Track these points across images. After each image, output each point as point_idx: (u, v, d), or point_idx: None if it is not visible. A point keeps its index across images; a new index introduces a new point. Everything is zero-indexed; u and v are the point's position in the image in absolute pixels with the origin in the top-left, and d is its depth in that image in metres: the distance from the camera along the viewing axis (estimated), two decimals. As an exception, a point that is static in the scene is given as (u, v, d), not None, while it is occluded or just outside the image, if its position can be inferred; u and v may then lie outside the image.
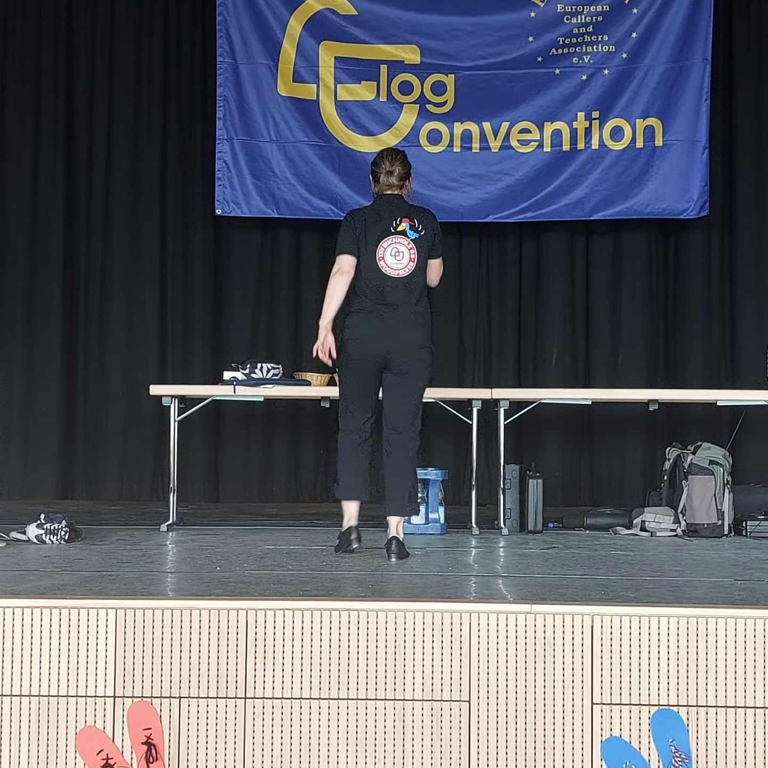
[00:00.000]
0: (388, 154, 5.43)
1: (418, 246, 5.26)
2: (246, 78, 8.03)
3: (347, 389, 5.35)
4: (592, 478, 8.21)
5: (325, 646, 3.58)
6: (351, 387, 5.33)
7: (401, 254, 5.24)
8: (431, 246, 5.32)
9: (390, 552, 5.09)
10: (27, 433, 8.21)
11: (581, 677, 3.56)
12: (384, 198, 5.35)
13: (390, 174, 5.32)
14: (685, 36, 7.85)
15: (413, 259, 5.25)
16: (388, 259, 5.24)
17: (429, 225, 5.33)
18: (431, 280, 5.41)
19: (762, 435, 7.70)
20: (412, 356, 5.23)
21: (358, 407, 5.31)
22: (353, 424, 5.31)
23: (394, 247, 5.24)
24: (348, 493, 5.29)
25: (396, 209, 5.30)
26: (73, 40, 8.32)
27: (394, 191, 5.35)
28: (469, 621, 3.58)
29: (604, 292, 8.29)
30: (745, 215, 8.20)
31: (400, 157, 5.38)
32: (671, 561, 5.26)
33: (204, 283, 8.34)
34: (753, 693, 3.54)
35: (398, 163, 5.35)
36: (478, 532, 6.23)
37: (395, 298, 5.23)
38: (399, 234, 5.26)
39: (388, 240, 5.25)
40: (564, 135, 7.97)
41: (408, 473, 5.27)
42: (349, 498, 5.29)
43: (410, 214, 5.31)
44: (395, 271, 5.24)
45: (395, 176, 5.33)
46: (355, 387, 5.31)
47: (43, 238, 8.28)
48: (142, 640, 3.59)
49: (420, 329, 5.27)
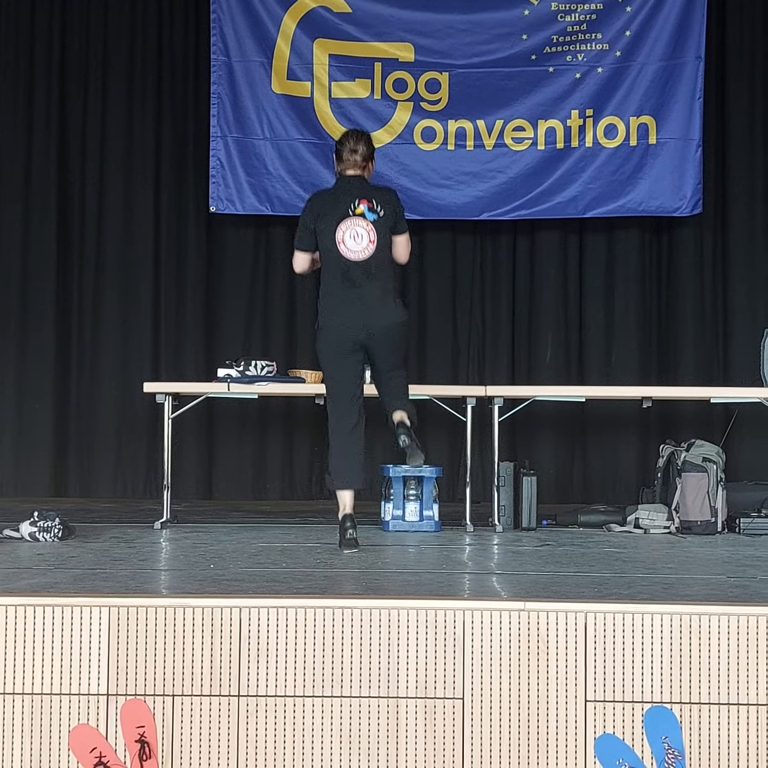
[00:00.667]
0: (353, 133, 5.49)
1: (378, 227, 5.30)
2: (240, 75, 8.03)
3: (329, 373, 5.40)
4: (585, 476, 8.22)
5: (319, 644, 3.59)
6: (333, 371, 5.37)
7: (360, 236, 5.27)
8: (393, 224, 5.36)
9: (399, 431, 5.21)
10: (20, 430, 8.20)
11: (575, 674, 3.56)
12: (344, 179, 5.39)
13: (354, 152, 5.35)
14: (679, 34, 7.86)
15: (373, 240, 5.28)
16: (347, 242, 5.28)
17: (389, 204, 5.36)
18: (399, 256, 5.47)
19: (755, 432, 7.71)
20: (388, 333, 5.32)
21: (342, 389, 5.32)
22: (340, 407, 5.32)
23: (353, 229, 5.27)
24: (341, 483, 5.27)
25: (355, 190, 5.33)
26: (66, 36, 8.30)
27: (356, 171, 5.37)
28: (462, 618, 3.59)
29: (598, 290, 8.30)
30: (738, 213, 8.21)
31: (365, 138, 5.44)
32: (664, 558, 5.27)
33: (198, 281, 8.34)
34: (746, 690, 3.55)
35: (362, 143, 5.38)
36: (472, 529, 6.24)
37: (359, 279, 5.29)
38: (357, 216, 5.29)
39: (346, 222, 5.28)
40: (558, 133, 7.97)
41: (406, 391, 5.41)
42: (342, 487, 5.26)
43: (369, 195, 5.33)
44: (355, 254, 5.29)
45: (359, 154, 5.35)
46: (336, 370, 5.35)
47: (36, 236, 8.26)
48: (135, 637, 3.59)
49: (391, 306, 5.34)
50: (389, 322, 5.31)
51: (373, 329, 5.28)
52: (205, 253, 8.35)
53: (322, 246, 5.34)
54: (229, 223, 8.28)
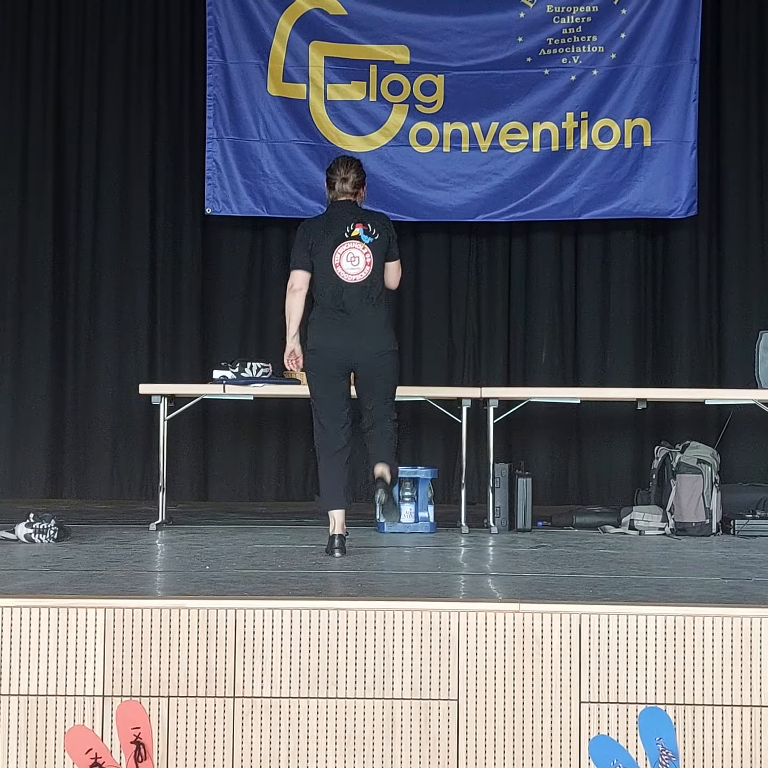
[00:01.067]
0: (343, 161, 5.44)
1: (374, 250, 5.28)
2: (236, 77, 8.04)
3: (317, 393, 5.33)
4: (580, 477, 8.23)
5: (313, 645, 3.59)
6: (319, 396, 5.31)
7: (357, 259, 5.26)
8: (387, 249, 5.34)
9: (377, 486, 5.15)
10: (16, 432, 8.19)
11: (569, 676, 3.57)
12: (337, 205, 5.37)
13: (344, 181, 5.34)
14: (674, 37, 7.88)
15: (369, 263, 5.27)
16: (344, 264, 5.26)
17: (383, 228, 5.35)
18: (390, 282, 5.44)
19: (749, 434, 7.72)
20: (378, 362, 5.26)
21: (329, 411, 5.28)
22: (327, 429, 5.28)
23: (350, 252, 5.26)
24: (330, 504, 5.25)
25: (349, 215, 5.32)
26: (62, 36, 8.31)
27: (348, 197, 5.37)
28: (458, 620, 3.60)
29: (593, 292, 8.31)
30: (733, 215, 8.22)
31: (355, 165, 5.40)
32: (659, 560, 5.28)
33: (194, 282, 8.34)
34: (740, 691, 3.56)
35: (353, 171, 5.36)
36: (468, 530, 6.24)
37: (353, 303, 5.25)
38: (354, 239, 5.27)
39: (343, 246, 5.26)
40: (553, 135, 7.99)
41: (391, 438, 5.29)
42: (332, 508, 5.24)
43: (364, 219, 5.33)
44: (352, 277, 5.26)
45: (349, 183, 5.34)
46: (323, 395, 5.30)
47: (32, 238, 8.27)
48: (131, 639, 3.59)
49: (382, 335, 5.29)
50: (379, 349, 5.26)
51: (362, 355, 5.23)
52: (200, 254, 8.35)
53: (317, 270, 5.29)
54: (225, 224, 8.29)
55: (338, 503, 5.24)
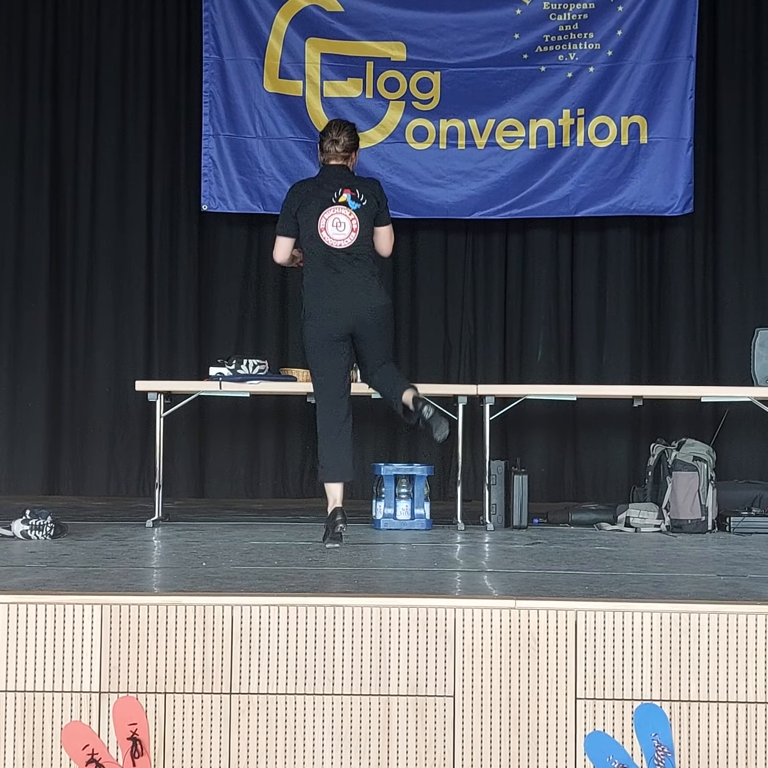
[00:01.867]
0: (336, 123, 5.47)
1: (360, 216, 5.30)
2: (232, 74, 8.03)
3: (317, 364, 5.37)
4: (576, 474, 8.24)
5: (310, 642, 3.60)
6: (320, 361, 5.35)
7: (342, 225, 5.29)
8: (376, 215, 5.36)
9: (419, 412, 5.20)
10: (13, 429, 8.19)
11: (565, 672, 3.58)
12: (328, 169, 5.39)
13: (335, 143, 5.35)
14: (670, 34, 7.88)
15: (355, 229, 5.29)
16: (329, 229, 5.29)
17: (372, 194, 5.36)
18: (382, 248, 5.47)
19: (745, 431, 7.73)
20: (375, 319, 5.33)
21: (330, 381, 5.31)
22: (329, 400, 5.30)
23: (336, 217, 5.28)
24: (333, 475, 5.26)
25: (339, 180, 5.34)
26: (59, 35, 8.30)
27: (338, 161, 5.37)
28: (453, 616, 3.60)
29: (589, 289, 8.32)
30: (729, 213, 8.23)
31: (348, 128, 5.42)
32: (655, 557, 5.28)
33: (190, 279, 8.34)
34: (735, 688, 3.57)
35: (345, 134, 5.37)
36: (464, 527, 6.25)
37: (342, 265, 5.30)
38: (340, 204, 5.30)
39: (329, 211, 5.29)
40: (549, 132, 7.99)
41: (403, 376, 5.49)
42: (334, 480, 5.26)
43: (352, 184, 5.34)
44: (337, 242, 5.30)
45: (340, 145, 5.35)
46: (324, 360, 5.34)
47: (29, 234, 8.26)
48: (127, 635, 3.60)
49: (375, 290, 5.35)
50: (375, 305, 5.33)
51: (360, 311, 5.30)
52: (197, 251, 8.35)
53: (304, 234, 5.34)
54: (221, 221, 8.29)
55: (346, 474, 5.26)
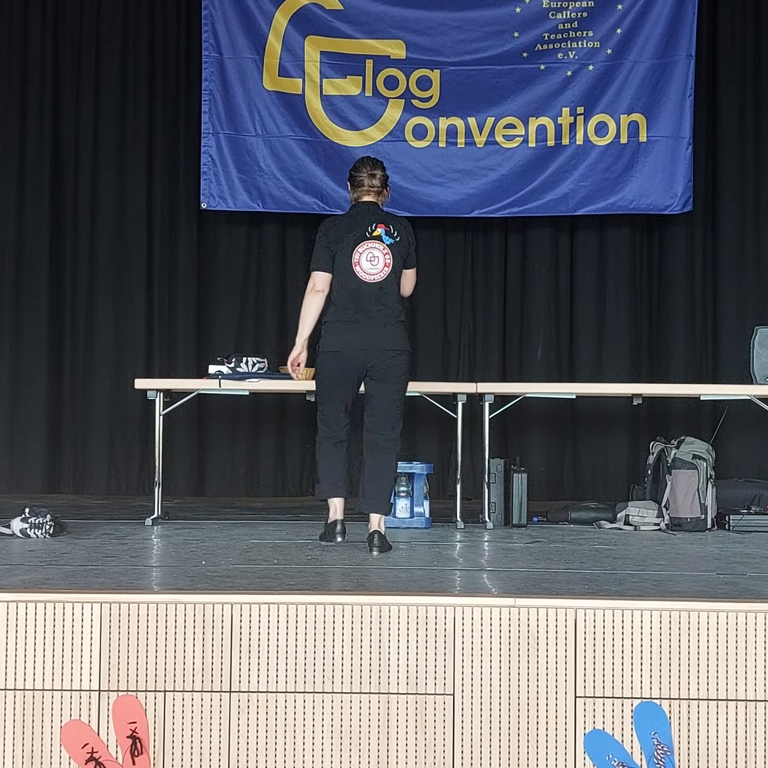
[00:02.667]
0: (368, 160, 5.45)
1: (393, 252, 5.27)
2: (232, 72, 8.03)
3: (324, 399, 5.37)
4: (576, 473, 8.24)
5: (309, 640, 3.60)
6: (328, 397, 5.35)
7: (376, 259, 5.25)
8: (406, 254, 5.34)
9: (372, 546, 5.12)
10: (14, 427, 8.20)
11: (564, 670, 3.58)
12: (360, 206, 5.37)
13: (373, 177, 5.33)
14: (670, 32, 7.89)
15: (388, 264, 5.26)
16: (363, 264, 5.25)
17: (404, 233, 5.35)
18: (405, 289, 5.44)
19: (744, 430, 7.73)
20: (391, 363, 5.27)
21: (334, 417, 5.33)
22: (330, 431, 5.35)
23: (370, 252, 5.25)
24: (329, 493, 5.33)
25: (371, 216, 5.32)
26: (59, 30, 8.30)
27: (371, 198, 5.36)
28: (453, 615, 3.60)
29: (589, 288, 8.32)
30: (728, 211, 8.23)
31: (381, 164, 5.42)
32: (654, 555, 5.29)
33: (190, 278, 8.34)
34: (735, 686, 3.57)
35: (379, 168, 5.38)
36: (463, 526, 6.25)
37: (370, 303, 5.25)
38: (374, 239, 5.26)
39: (363, 245, 5.26)
40: (549, 130, 7.99)
41: (390, 474, 5.36)
42: (332, 496, 5.32)
43: (386, 221, 5.33)
44: (371, 276, 5.25)
45: (377, 179, 5.34)
46: (331, 397, 5.34)
47: (29, 233, 8.27)
48: (127, 634, 3.60)
49: (397, 334, 5.30)
50: (393, 347, 5.26)
51: (377, 353, 5.23)
52: (196, 249, 8.35)
53: (336, 269, 5.28)
54: (221, 219, 8.29)
55: (336, 493, 5.31)
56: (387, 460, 5.32)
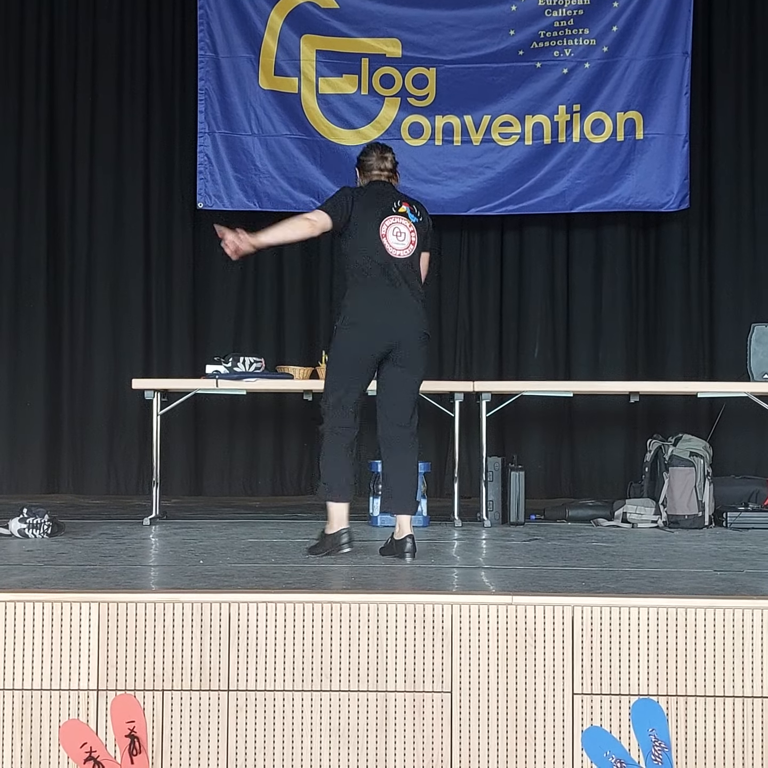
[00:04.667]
0: (377, 144, 5.27)
1: (418, 230, 5.07)
2: (227, 71, 8.04)
3: (345, 383, 4.97)
4: (573, 470, 8.25)
5: (308, 639, 3.60)
6: (350, 381, 4.97)
7: (403, 235, 5.01)
8: (426, 236, 5.13)
9: (405, 551, 4.85)
10: (12, 428, 8.20)
11: (562, 667, 3.58)
12: (377, 183, 5.15)
13: (384, 159, 5.13)
14: (666, 30, 7.89)
15: (414, 242, 5.04)
16: (390, 237, 4.99)
17: (425, 214, 5.18)
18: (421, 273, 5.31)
19: (742, 427, 7.74)
20: (416, 345, 4.99)
21: (353, 407, 4.97)
22: (346, 421, 4.96)
23: (396, 227, 5.02)
24: (339, 496, 4.98)
25: (394, 193, 5.13)
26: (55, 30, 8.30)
27: (383, 179, 5.15)
28: (451, 612, 3.61)
29: (585, 285, 8.32)
30: (725, 209, 8.24)
31: (390, 148, 5.24)
32: (652, 552, 5.29)
33: (186, 277, 8.34)
34: (732, 682, 3.57)
35: (389, 152, 5.18)
36: (461, 524, 6.25)
37: (398, 277, 4.99)
38: (401, 215, 5.05)
39: (390, 219, 5.01)
40: (545, 128, 8.00)
41: (415, 470, 5.04)
42: (341, 500, 4.99)
43: (408, 200, 5.15)
44: (397, 251, 5.00)
45: (389, 161, 5.14)
46: (354, 381, 4.97)
47: (27, 233, 8.27)
48: (125, 633, 3.60)
49: (422, 315, 5.05)
50: (421, 329, 5.00)
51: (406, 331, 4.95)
52: (192, 249, 8.35)
53: (361, 240, 4.99)
54: (217, 218, 8.24)
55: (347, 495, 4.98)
56: (410, 456, 4.99)
